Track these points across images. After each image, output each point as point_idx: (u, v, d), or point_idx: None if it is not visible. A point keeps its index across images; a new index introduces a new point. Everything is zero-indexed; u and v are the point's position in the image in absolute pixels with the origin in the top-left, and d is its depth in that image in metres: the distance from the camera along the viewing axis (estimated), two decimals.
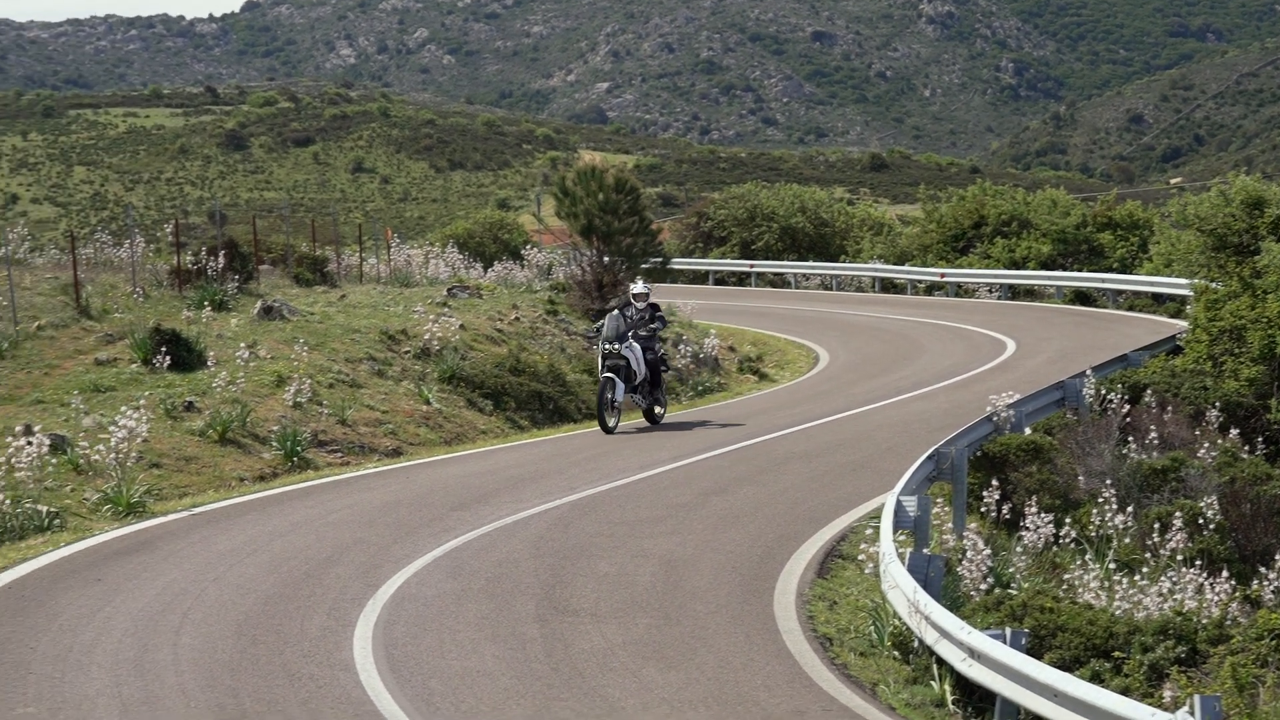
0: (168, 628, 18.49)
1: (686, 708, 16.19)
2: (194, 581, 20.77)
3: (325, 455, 30.62)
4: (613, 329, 33.38)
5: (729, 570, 21.81)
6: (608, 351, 33.26)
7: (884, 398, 38.63)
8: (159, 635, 18.18)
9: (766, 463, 30.07)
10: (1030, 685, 16.12)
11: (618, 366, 33.17)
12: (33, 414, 29.16)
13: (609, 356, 33.24)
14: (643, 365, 33.63)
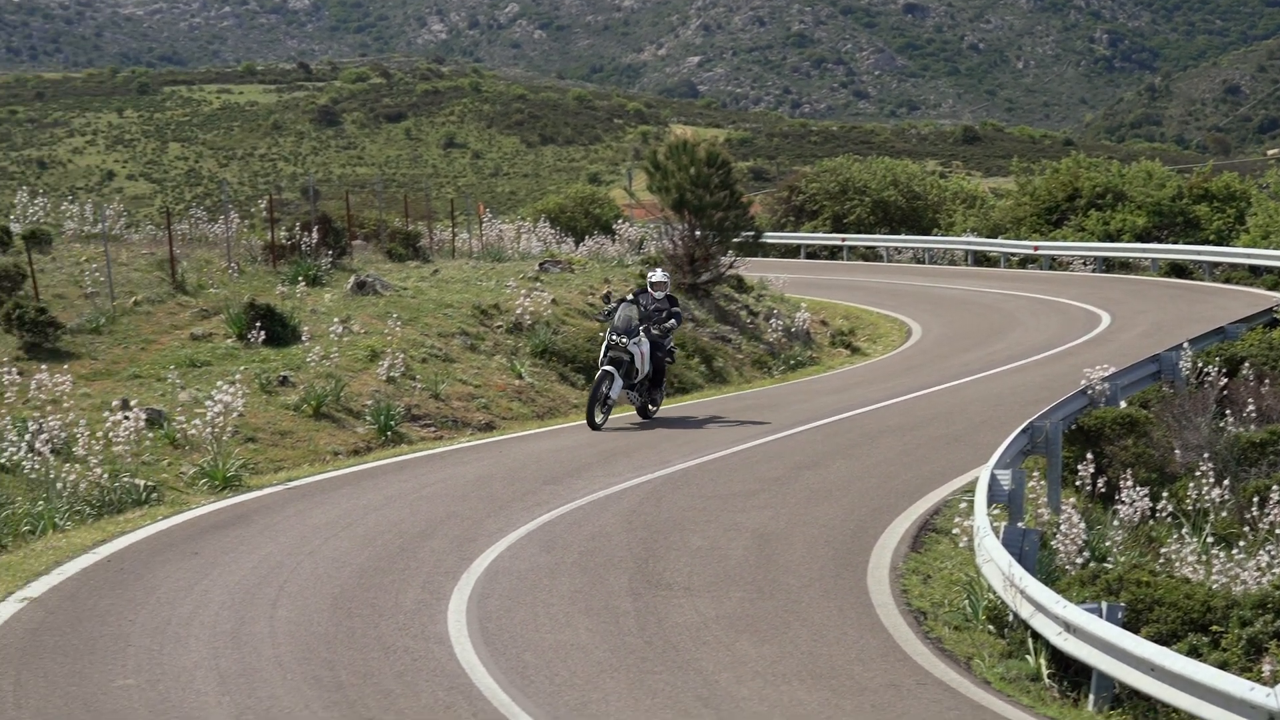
0: (264, 601, 18.62)
1: (780, 681, 16.18)
2: (289, 555, 20.90)
3: (418, 429, 30.73)
4: (624, 320, 31.05)
5: (822, 544, 21.77)
6: (613, 343, 30.85)
7: (977, 371, 38.44)
8: (255, 608, 18.31)
9: (859, 436, 29.99)
10: (1127, 659, 16.03)
11: (620, 360, 30.79)
12: (130, 389, 29.39)
13: (613, 348, 30.85)
14: (648, 363, 31.29)
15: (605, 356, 30.82)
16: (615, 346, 30.70)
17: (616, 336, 30.70)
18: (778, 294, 49.49)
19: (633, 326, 30.93)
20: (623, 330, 30.79)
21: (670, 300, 32.17)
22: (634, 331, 30.92)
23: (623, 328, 30.83)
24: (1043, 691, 17.07)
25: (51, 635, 17.05)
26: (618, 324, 30.86)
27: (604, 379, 30.47)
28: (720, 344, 42.15)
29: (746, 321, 44.97)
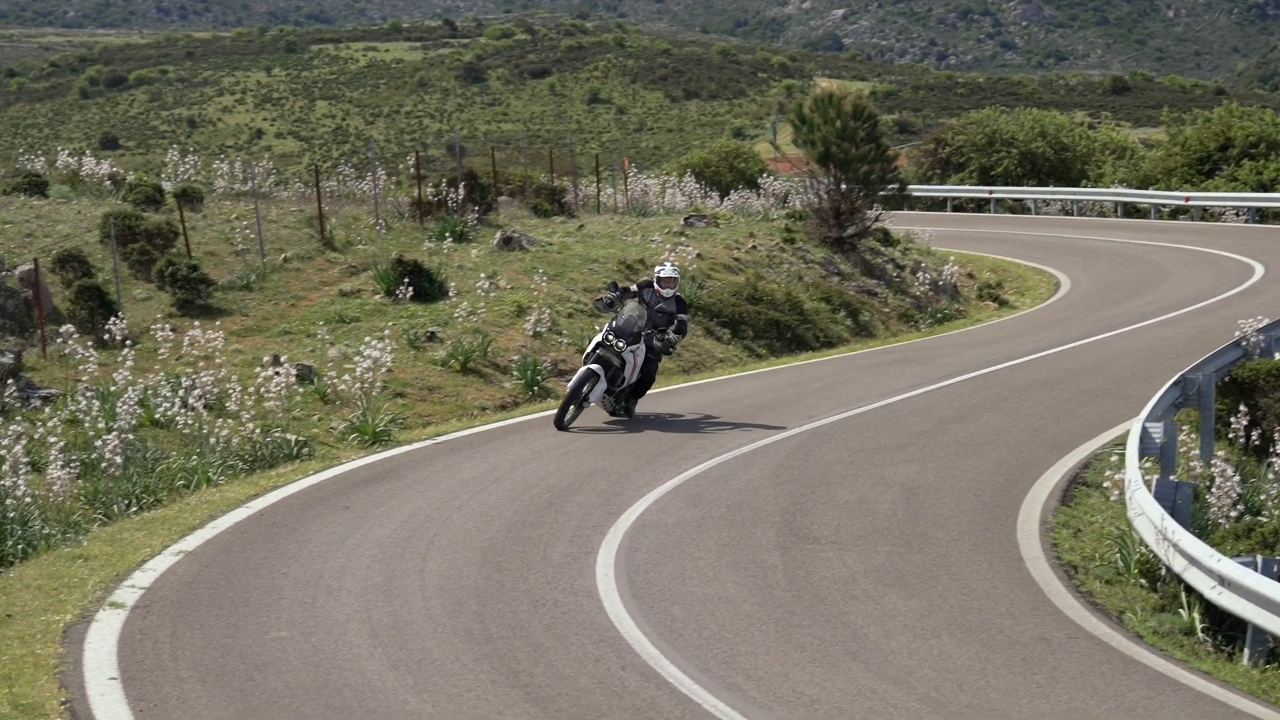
0: (414, 554, 18.77)
1: (929, 635, 16.12)
2: (439, 509, 21.05)
3: (565, 384, 30.81)
4: (629, 321, 26.89)
5: (970, 497, 21.65)
6: (607, 343, 26.69)
7: (1127, 324, 38.04)
8: (406, 561, 18.45)
9: (1007, 390, 29.78)
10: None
11: (608, 363, 26.60)
12: (280, 345, 29.70)
13: (605, 348, 26.68)
14: (637, 371, 27.09)
15: (592, 353, 26.77)
16: (608, 347, 26.63)
17: (614, 337, 26.65)
18: (924, 247, 49.20)
19: (637, 330, 26.87)
20: (625, 331, 26.74)
21: (679, 303, 27.76)
22: (636, 337, 26.85)
23: (626, 329, 26.78)
24: (1196, 646, 16.90)
25: (206, 588, 17.29)
26: (621, 323, 26.83)
27: (587, 379, 26.50)
28: (866, 298, 41.96)
29: (892, 275, 44.75)
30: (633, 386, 27.25)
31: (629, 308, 26.99)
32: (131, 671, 14.29)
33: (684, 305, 27.97)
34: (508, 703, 13.85)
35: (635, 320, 26.87)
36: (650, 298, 27.40)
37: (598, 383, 26.48)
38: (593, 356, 26.65)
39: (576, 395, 26.42)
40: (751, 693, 14.27)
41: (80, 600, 16.65)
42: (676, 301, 27.62)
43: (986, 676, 14.99)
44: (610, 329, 26.77)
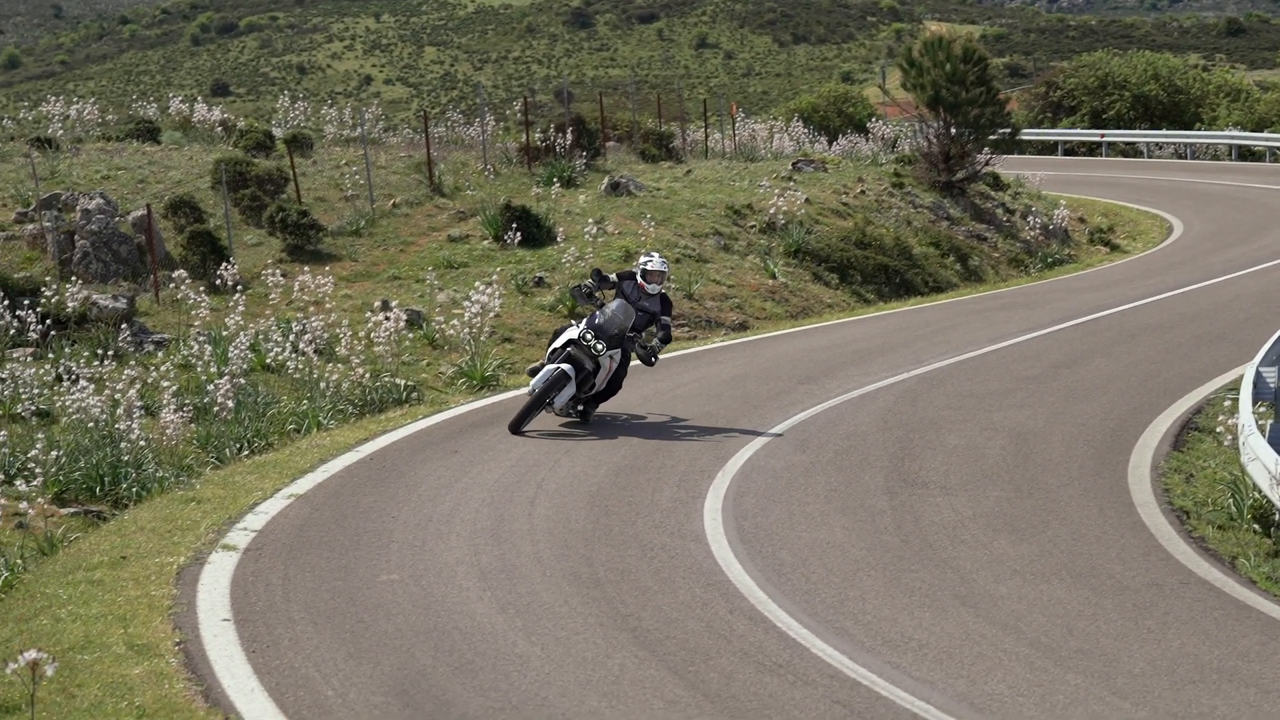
0: (522, 498, 18.84)
1: (1039, 580, 16.04)
2: (546, 454, 21.11)
3: (673, 329, 30.82)
4: (614, 321, 22.83)
5: (1080, 443, 21.51)
6: (584, 341, 22.62)
7: (1241, 268, 37.64)
8: (514, 505, 18.53)
9: (1118, 334, 29.54)
10: None
11: (580, 365, 22.61)
12: (389, 290, 29.86)
13: (579, 348, 22.65)
14: (607, 379, 23.12)
15: (562, 350, 22.70)
16: (583, 346, 22.62)
17: (592, 337, 22.58)
18: (1035, 191, 48.83)
19: (620, 332, 22.82)
20: (606, 332, 22.68)
21: (663, 302, 23.40)
22: (618, 339, 22.86)
23: (608, 329, 22.70)
24: None
25: (317, 531, 17.42)
26: (604, 321, 22.70)
27: (557, 381, 22.42)
28: (976, 242, 41.71)
29: (1002, 219, 44.44)
30: (600, 394, 23.17)
31: (615, 305, 22.88)
32: (244, 613, 14.44)
33: (669, 306, 23.51)
34: (616, 645, 13.89)
35: (621, 321, 22.76)
36: (631, 291, 23.17)
37: (568, 387, 22.45)
38: (562, 354, 22.57)
39: (540, 400, 22.38)
40: (859, 637, 14.25)
41: (193, 542, 16.83)
42: (661, 301, 23.29)
43: (1097, 621, 14.91)
44: (589, 325, 22.67)
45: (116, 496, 19.61)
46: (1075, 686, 13.22)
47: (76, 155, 38.44)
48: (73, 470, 19.96)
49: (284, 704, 12.11)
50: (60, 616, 14.40)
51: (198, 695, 12.27)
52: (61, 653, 13.08)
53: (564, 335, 22.98)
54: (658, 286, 23.22)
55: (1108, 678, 13.44)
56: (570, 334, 22.82)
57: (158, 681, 12.54)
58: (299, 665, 13.03)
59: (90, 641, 13.56)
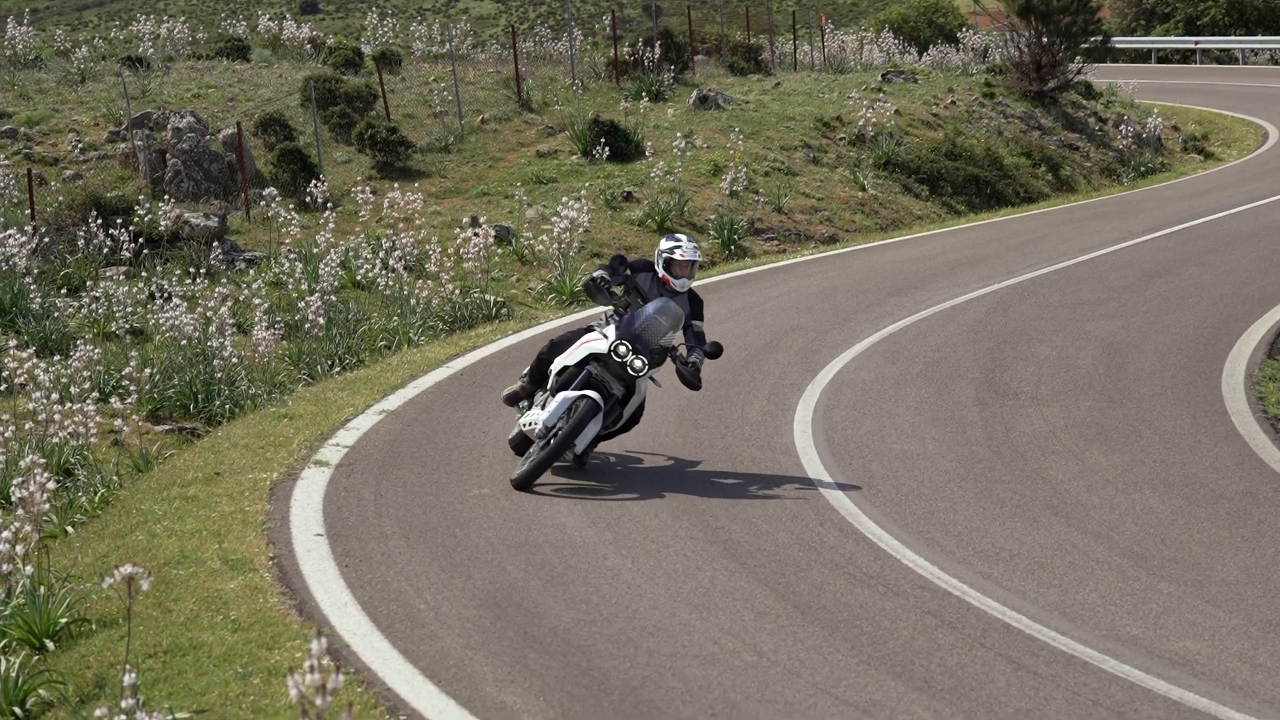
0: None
1: (1132, 489, 15.95)
2: None
3: (761, 243, 30.76)
4: (658, 332, 16.10)
5: (1173, 352, 21.35)
6: (618, 359, 15.90)
7: None
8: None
9: (1212, 243, 29.26)
10: None
11: (606, 389, 16.04)
12: (478, 206, 29.90)
13: (606, 365, 16.01)
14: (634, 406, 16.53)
15: (583, 373, 16.06)
16: (616, 362, 15.95)
17: (624, 350, 15.89)
18: (1127, 100, 48.32)
19: (668, 344, 16.20)
20: (649, 344, 16.02)
21: (694, 302, 16.66)
22: (661, 356, 16.16)
23: (652, 339, 16.04)
24: None
25: (408, 446, 17.51)
26: (644, 329, 16.00)
27: (587, 414, 15.84)
28: (1067, 152, 41.36)
29: (1095, 129, 44.04)
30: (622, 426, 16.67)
31: (657, 306, 16.20)
32: (336, 528, 14.53)
33: (701, 307, 16.73)
34: (706, 558, 13.92)
35: (666, 328, 16.10)
36: (648, 288, 16.59)
37: (596, 421, 15.97)
38: (580, 376, 16.04)
39: (567, 444, 15.81)
40: (950, 548, 14.22)
41: (286, 458, 16.95)
42: (690, 299, 16.62)
43: (1190, 531, 14.82)
44: (623, 333, 16.03)
45: (209, 413, 19.79)
46: (1168, 595, 13.16)
47: (167, 74, 38.60)
48: (166, 388, 20.15)
49: (377, 618, 12.20)
50: (155, 532, 14.55)
51: (291, 609, 12.37)
52: (157, 568, 13.22)
53: (582, 346, 16.19)
54: (687, 282, 16.43)
55: (1201, 586, 13.37)
56: (593, 345, 16.04)
57: (252, 596, 12.66)
58: (391, 579, 13.12)
59: (185, 557, 13.69)
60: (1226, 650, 12.02)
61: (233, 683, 10.93)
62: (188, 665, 11.31)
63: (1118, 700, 11.05)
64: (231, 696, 10.71)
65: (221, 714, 10.42)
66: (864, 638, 12.07)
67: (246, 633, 11.87)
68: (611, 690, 10.96)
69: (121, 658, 11.12)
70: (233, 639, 11.75)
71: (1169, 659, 11.82)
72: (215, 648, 11.58)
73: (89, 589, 12.97)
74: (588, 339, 16.25)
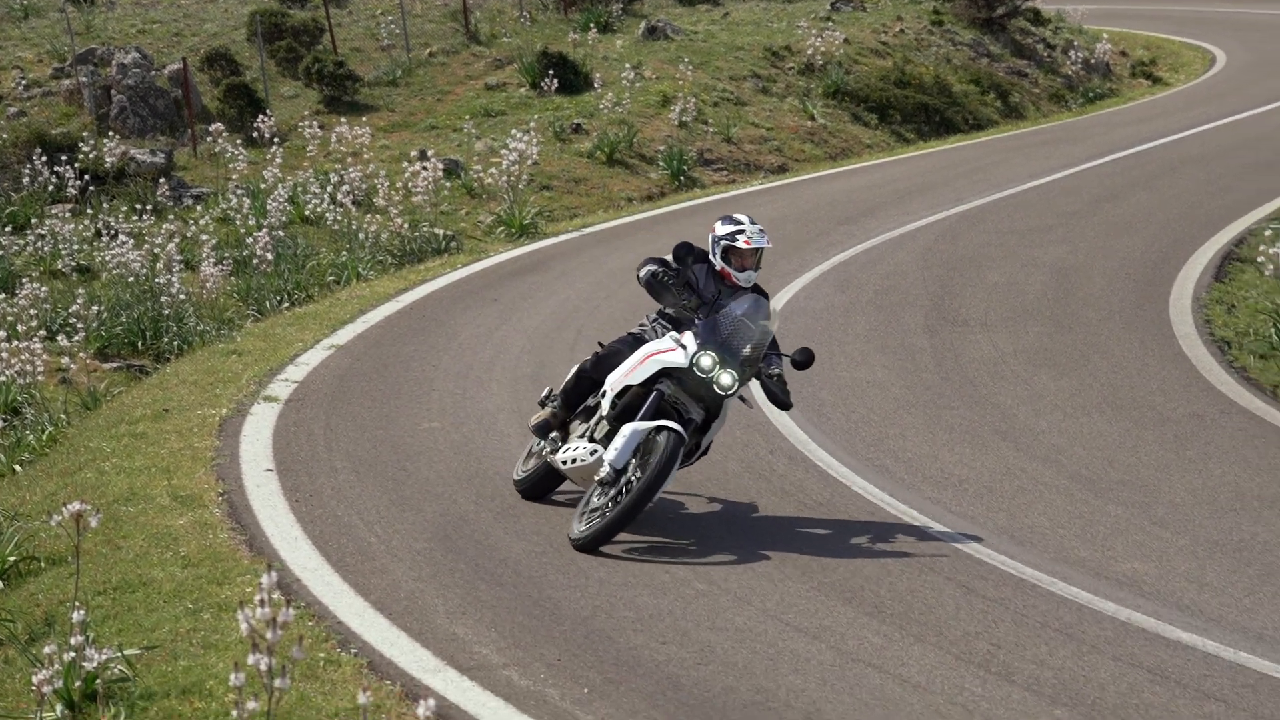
0: (563, 344, 18.84)
1: (1080, 414, 16.03)
2: (586, 300, 21.11)
3: (711, 174, 30.70)
4: (751, 339, 12.80)
5: (1122, 277, 21.42)
6: (706, 375, 12.60)
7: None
8: (554, 352, 18.53)
9: (1159, 168, 29.33)
10: None
11: (684, 414, 12.82)
12: (427, 139, 29.78)
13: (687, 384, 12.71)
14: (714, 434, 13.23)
15: (653, 395, 12.70)
16: (697, 382, 12.69)
17: (710, 364, 12.58)
18: (1075, 26, 48.26)
19: (759, 354, 12.83)
20: (740, 354, 12.71)
21: (758, 294, 13.21)
22: (753, 369, 12.87)
23: (746, 346, 12.73)
24: None
25: (358, 381, 17.46)
26: (732, 334, 12.75)
27: (673, 453, 12.42)
28: (1016, 79, 41.33)
29: (1043, 55, 43.99)
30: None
31: (748, 306, 12.90)
32: (286, 463, 14.50)
33: (766, 296, 13.35)
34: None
35: (758, 332, 12.80)
36: (702, 281, 13.17)
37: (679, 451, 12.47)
38: (651, 403, 12.67)
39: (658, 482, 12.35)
40: (900, 474, 14.28)
41: (235, 394, 16.89)
42: (754, 297, 13.08)
43: (1138, 453, 14.91)
44: (709, 342, 12.64)
45: (158, 350, 19.72)
46: (1116, 517, 13.25)
47: (111, 9, 38.30)
48: (114, 325, 20.07)
49: (327, 552, 12.19)
50: (104, 469, 14.50)
51: (241, 544, 12.35)
52: (106, 505, 13.18)
53: (649, 360, 12.79)
54: (752, 275, 13.14)
55: (1148, 508, 13.46)
56: (666, 358, 12.70)
57: (202, 532, 12.63)
58: (342, 513, 13.11)
59: (134, 494, 13.66)
60: (1173, 571, 12.11)
61: (183, 618, 10.92)
62: (137, 602, 11.29)
63: (1066, 621, 11.13)
64: (182, 632, 10.70)
65: (172, 649, 10.41)
66: (814, 564, 12.12)
67: (196, 568, 11.85)
68: (563, 620, 10.99)
69: (71, 595, 11.09)
70: (182, 575, 11.73)
71: (1116, 580, 11.91)
72: (165, 584, 11.56)
73: (37, 527, 12.93)
74: (655, 350, 12.77)
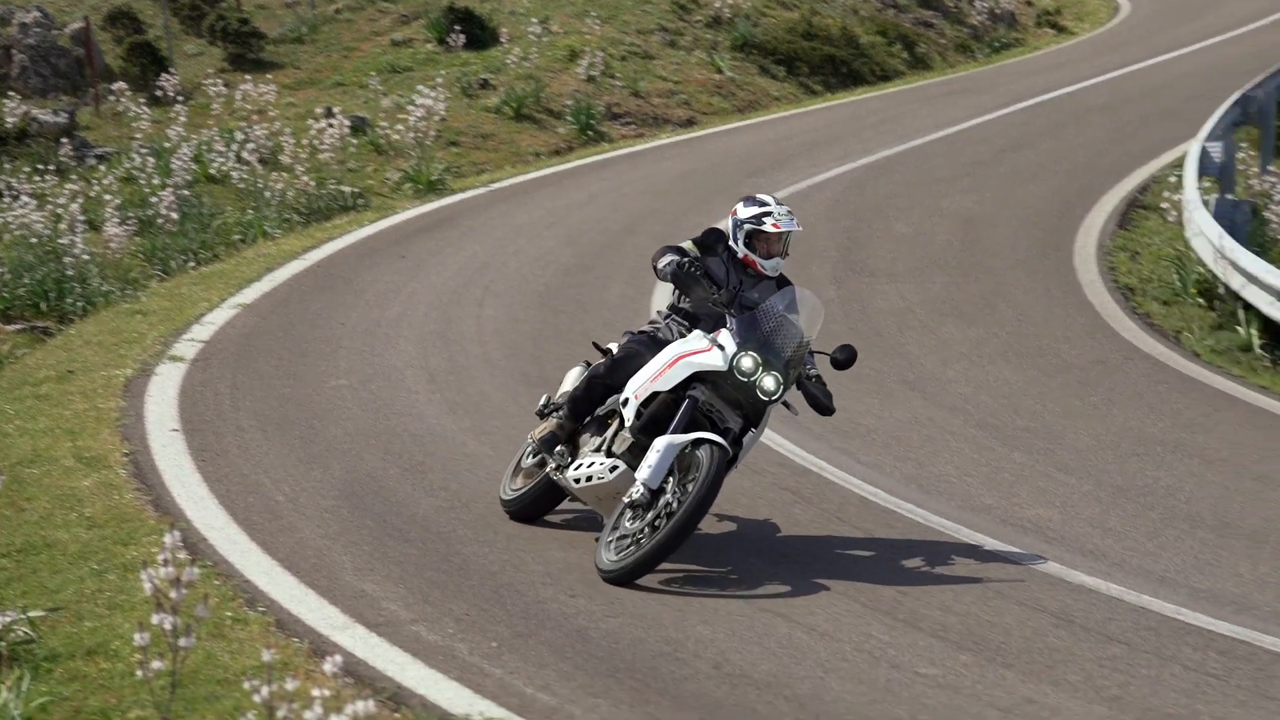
0: (470, 300, 18.81)
1: (986, 362, 16.12)
2: (494, 255, 21.06)
3: (619, 128, 30.65)
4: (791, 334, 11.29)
5: (1027, 225, 21.54)
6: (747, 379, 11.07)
7: (1189, 44, 37.54)
8: (462, 308, 18.50)
9: (1065, 116, 29.49)
10: None
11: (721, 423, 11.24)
12: (333, 96, 29.60)
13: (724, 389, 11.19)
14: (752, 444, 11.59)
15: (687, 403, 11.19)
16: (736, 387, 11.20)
17: (751, 366, 11.11)
18: None
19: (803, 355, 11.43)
20: (782, 354, 11.24)
21: (783, 285, 11.77)
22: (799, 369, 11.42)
23: (785, 347, 11.26)
24: (1253, 362, 16.87)
25: (265, 339, 17.37)
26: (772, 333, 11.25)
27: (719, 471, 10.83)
28: (923, 29, 41.43)
29: (949, 5, 44.10)
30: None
31: (788, 297, 11.49)
32: (193, 423, 14.40)
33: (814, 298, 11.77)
34: None
35: (800, 331, 11.37)
36: (722, 271, 11.85)
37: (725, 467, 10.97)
38: (685, 412, 11.14)
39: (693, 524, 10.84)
40: (807, 424, 14.29)
41: (140, 355, 16.75)
42: (798, 289, 11.70)
43: (1044, 400, 15.02)
44: (744, 343, 11.13)
45: (62, 311, 19.51)
46: (1021, 464, 13.35)
47: None
48: (17, 286, 19.86)
49: (234, 511, 12.12)
50: (7, 431, 14.37)
51: (147, 505, 12.27)
52: (9, 467, 13.06)
53: (680, 363, 11.28)
54: (780, 263, 11.79)
55: (1053, 454, 13.57)
56: (700, 359, 11.20)
57: (107, 492, 12.54)
58: (249, 472, 13.04)
59: (38, 455, 13.54)
60: (1077, 516, 12.21)
61: (88, 579, 10.85)
62: (42, 564, 11.21)
63: (971, 568, 11.20)
64: (87, 593, 10.63)
65: (77, 611, 10.34)
66: (723, 517, 12.14)
67: (101, 529, 11.77)
68: (471, 575, 10.98)
69: None
70: (88, 536, 11.65)
71: (1022, 526, 12.00)
72: (70, 545, 11.48)
73: None
74: (687, 351, 11.28)
